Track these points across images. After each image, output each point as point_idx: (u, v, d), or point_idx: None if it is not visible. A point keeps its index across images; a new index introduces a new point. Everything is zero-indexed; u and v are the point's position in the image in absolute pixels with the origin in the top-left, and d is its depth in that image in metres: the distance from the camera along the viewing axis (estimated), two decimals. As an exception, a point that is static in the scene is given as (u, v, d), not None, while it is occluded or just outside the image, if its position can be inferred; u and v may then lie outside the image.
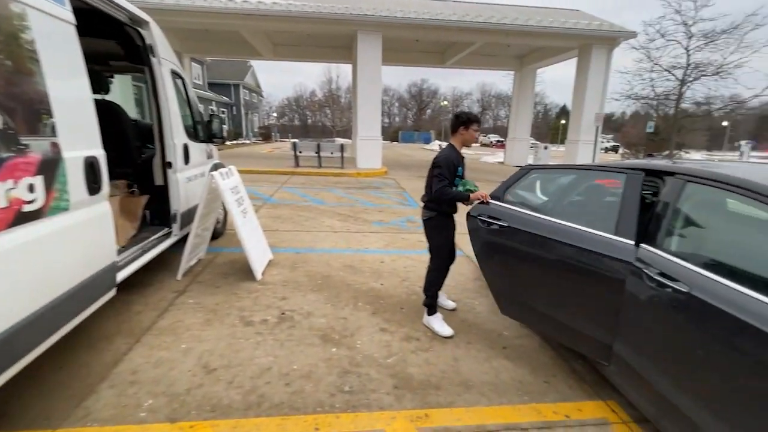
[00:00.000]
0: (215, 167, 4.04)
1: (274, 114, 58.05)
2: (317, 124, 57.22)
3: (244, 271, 3.62)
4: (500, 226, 2.55)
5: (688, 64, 15.96)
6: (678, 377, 1.63)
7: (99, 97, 3.49)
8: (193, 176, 3.82)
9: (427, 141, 43.21)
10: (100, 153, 2.10)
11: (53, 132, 1.75)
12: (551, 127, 52.45)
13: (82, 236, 1.96)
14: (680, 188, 1.88)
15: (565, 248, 2.22)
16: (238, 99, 35.42)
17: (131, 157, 3.38)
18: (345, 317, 2.95)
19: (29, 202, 1.60)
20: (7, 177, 1.48)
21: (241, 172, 4.18)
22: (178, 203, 3.44)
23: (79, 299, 1.93)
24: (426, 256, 3.00)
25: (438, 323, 2.81)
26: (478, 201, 2.69)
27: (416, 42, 15.41)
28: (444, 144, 3.18)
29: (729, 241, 1.77)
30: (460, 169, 2.72)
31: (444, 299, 3.18)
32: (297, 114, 62.52)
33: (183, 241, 3.52)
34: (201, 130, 4.16)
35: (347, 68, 21.23)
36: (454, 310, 3.14)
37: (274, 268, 3.85)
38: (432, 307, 2.86)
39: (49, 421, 1.82)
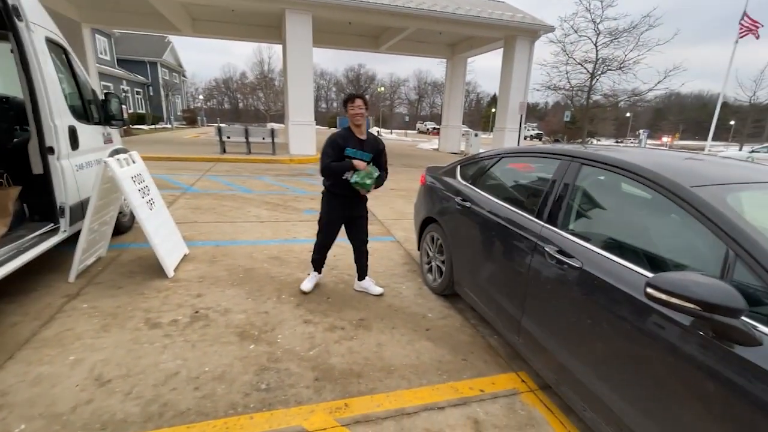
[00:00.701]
0: (116, 153, 3.58)
1: (201, 96, 53.56)
2: (250, 108, 53.91)
3: (154, 269, 3.28)
4: (463, 206, 2.76)
5: (597, 59, 17.64)
6: (571, 345, 1.77)
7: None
8: (86, 163, 3.34)
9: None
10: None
11: None
12: (483, 115, 55.07)
13: None
14: (576, 171, 2.01)
15: (499, 229, 2.35)
16: (156, 78, 32.08)
17: (-3, 140, 2.84)
18: (266, 311, 2.80)
19: None
20: None
21: (157, 159, 3.77)
22: (65, 194, 2.98)
23: None
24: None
25: (307, 279, 3.17)
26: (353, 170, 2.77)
27: (349, 25, 15.04)
28: (383, 130, 3.29)
29: (616, 219, 1.93)
30: (348, 149, 2.77)
31: (371, 285, 3.17)
32: (227, 97, 58.30)
33: (76, 237, 3.08)
34: (95, 110, 3.63)
35: (279, 49, 20.19)
36: (381, 295, 3.14)
37: (189, 264, 3.54)
38: (312, 264, 3.18)
39: None
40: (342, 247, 4.23)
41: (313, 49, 11.97)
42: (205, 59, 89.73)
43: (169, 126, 29.12)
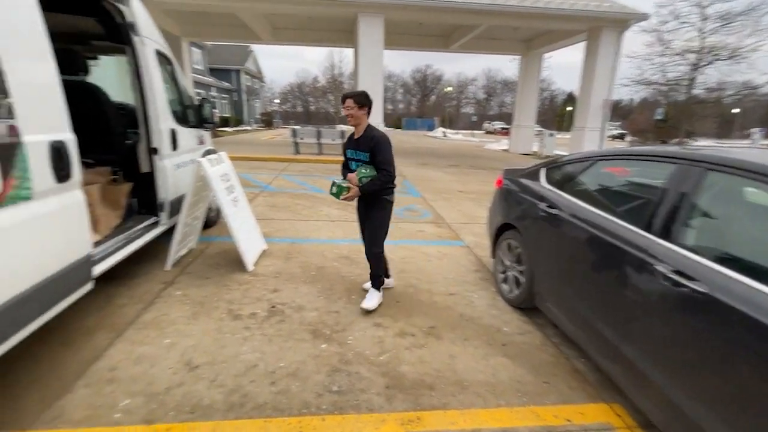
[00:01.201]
0: (207, 154, 3.89)
1: (277, 100, 57.33)
2: (320, 110, 56.53)
3: (236, 262, 3.50)
4: (549, 213, 2.56)
5: (702, 48, 15.47)
6: (688, 383, 1.49)
7: (77, 78, 3.30)
8: (183, 163, 3.67)
9: (431, 128, 42.58)
10: (68, 137, 1.95)
11: (10, 114, 1.60)
12: (557, 113, 51.49)
13: (48, 227, 1.82)
14: (699, 177, 1.71)
15: (595, 240, 2.10)
16: (239, 85, 34.97)
17: (114, 142, 3.22)
18: (337, 311, 2.83)
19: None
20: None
21: (239, 159, 4.04)
22: (166, 191, 3.30)
23: (45, 295, 1.81)
24: (425, 247, 2.97)
25: (368, 295, 2.93)
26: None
27: (420, 25, 14.98)
28: (449, 131, 3.15)
29: (757, 237, 1.59)
30: (349, 151, 2.80)
31: (368, 295, 2.93)
32: (300, 100, 61.76)
33: (173, 230, 3.40)
34: (191, 115, 3.99)
35: (350, 53, 20.78)
36: (367, 312, 2.82)
37: (267, 259, 3.73)
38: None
39: (18, 422, 1.72)
40: (409, 249, 4.18)
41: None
42: (280, 65, 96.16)
43: (248, 128, 31.58)
